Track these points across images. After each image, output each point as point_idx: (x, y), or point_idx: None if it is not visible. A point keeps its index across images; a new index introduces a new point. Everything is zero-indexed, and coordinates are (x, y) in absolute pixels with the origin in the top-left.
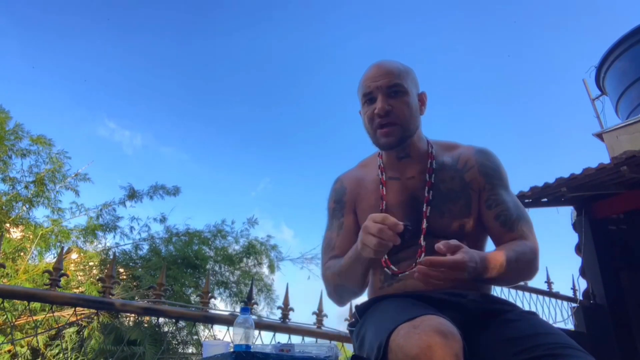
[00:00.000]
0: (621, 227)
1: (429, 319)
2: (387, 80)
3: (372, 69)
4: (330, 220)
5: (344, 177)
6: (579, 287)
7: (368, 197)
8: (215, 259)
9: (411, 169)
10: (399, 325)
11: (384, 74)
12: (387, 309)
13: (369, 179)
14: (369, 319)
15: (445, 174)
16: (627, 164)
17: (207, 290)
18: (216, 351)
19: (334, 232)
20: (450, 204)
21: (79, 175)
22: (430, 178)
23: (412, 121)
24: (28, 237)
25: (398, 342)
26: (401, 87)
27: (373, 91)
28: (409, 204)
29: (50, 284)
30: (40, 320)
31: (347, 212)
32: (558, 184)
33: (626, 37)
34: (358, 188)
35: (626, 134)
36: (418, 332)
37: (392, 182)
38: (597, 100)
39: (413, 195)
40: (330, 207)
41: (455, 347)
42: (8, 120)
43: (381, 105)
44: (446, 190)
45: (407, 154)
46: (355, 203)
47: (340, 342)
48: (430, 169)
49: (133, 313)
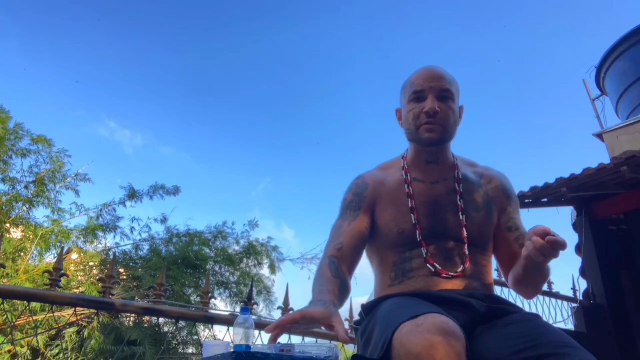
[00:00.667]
0: (621, 227)
1: (432, 317)
2: (440, 83)
3: (425, 69)
4: (344, 210)
5: (366, 175)
6: (579, 287)
7: (391, 195)
8: (216, 260)
9: (436, 175)
10: (402, 323)
11: (437, 77)
12: (392, 307)
13: (391, 180)
14: (374, 318)
15: (469, 185)
16: (627, 164)
17: (207, 290)
18: (216, 351)
19: (346, 222)
20: (474, 212)
21: (79, 175)
22: (459, 187)
23: (454, 127)
24: (28, 237)
25: (401, 340)
26: (450, 94)
27: (425, 90)
28: (429, 208)
29: (50, 284)
30: (40, 320)
31: (364, 207)
32: (558, 184)
33: (626, 37)
34: (380, 186)
35: (626, 134)
36: (420, 330)
37: (416, 183)
38: (597, 100)
39: (436, 200)
40: (348, 198)
41: (457, 345)
42: (8, 120)
43: (431, 105)
44: (470, 200)
45: (435, 160)
46: (375, 200)
47: (341, 342)
48: (458, 178)
49: (133, 313)
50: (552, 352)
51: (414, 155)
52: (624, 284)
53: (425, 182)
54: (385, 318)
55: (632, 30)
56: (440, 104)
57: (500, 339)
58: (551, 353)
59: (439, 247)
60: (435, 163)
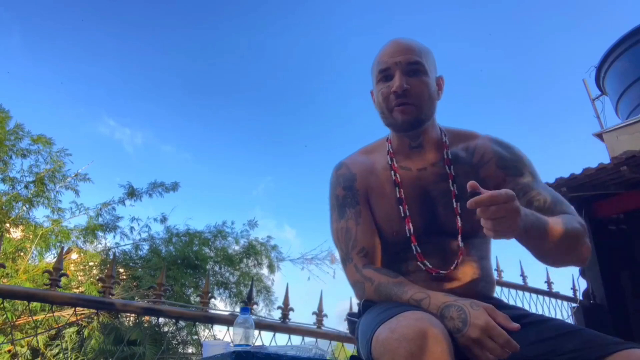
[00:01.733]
0: (621, 227)
1: (404, 318)
2: (407, 57)
3: (390, 44)
4: (342, 208)
5: (348, 162)
6: (579, 287)
7: (381, 186)
8: (215, 260)
9: (423, 160)
10: (376, 330)
11: (403, 50)
12: (378, 309)
13: (379, 166)
14: (367, 317)
15: (460, 168)
16: (627, 164)
17: (207, 290)
18: (216, 351)
19: (352, 222)
20: (465, 200)
21: (79, 175)
22: (450, 170)
23: (430, 104)
24: (28, 237)
25: (379, 351)
26: (421, 66)
27: (391, 67)
28: (420, 199)
29: (50, 284)
30: (40, 320)
31: (361, 200)
32: (558, 184)
33: (626, 37)
34: (369, 175)
35: (626, 134)
36: (396, 338)
37: (403, 171)
38: (597, 100)
39: (425, 190)
40: (339, 194)
41: (438, 342)
42: (8, 120)
43: (399, 83)
44: (463, 184)
45: (419, 144)
46: (367, 192)
47: (340, 342)
48: (447, 159)
49: (133, 313)
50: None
51: (395, 140)
52: (624, 284)
53: (412, 170)
54: (370, 322)
55: (632, 30)
56: (410, 79)
57: None
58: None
59: (432, 243)
60: (419, 147)
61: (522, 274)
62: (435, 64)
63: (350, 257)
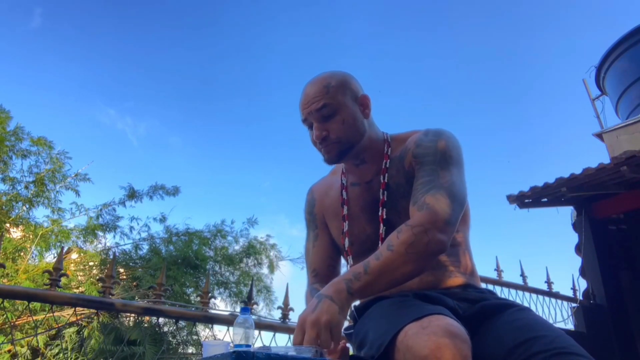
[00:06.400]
0: (621, 227)
1: (437, 319)
2: (315, 104)
3: (302, 93)
4: (307, 230)
5: (314, 187)
6: (579, 287)
7: (333, 205)
8: (216, 259)
9: (368, 173)
10: (406, 325)
11: (312, 98)
12: (389, 308)
13: (335, 187)
14: (368, 318)
15: (393, 169)
16: (627, 164)
17: (207, 290)
18: (216, 351)
19: (310, 244)
20: (402, 200)
21: (79, 175)
22: (384, 178)
23: (352, 133)
24: (28, 237)
25: (407, 343)
26: (330, 108)
27: (307, 118)
28: (368, 209)
29: (50, 284)
30: (40, 320)
31: (319, 224)
32: (558, 184)
33: (626, 37)
34: (325, 197)
35: (626, 134)
36: (427, 333)
37: (354, 188)
38: (597, 100)
39: (374, 199)
40: (306, 217)
41: (464, 348)
42: (9, 121)
43: (317, 133)
44: (395, 187)
45: (362, 160)
46: (323, 215)
47: None
48: (384, 169)
49: (133, 313)
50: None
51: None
52: (624, 284)
53: (361, 184)
54: (383, 319)
55: (632, 30)
56: (326, 124)
57: (493, 337)
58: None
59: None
60: (363, 163)
61: (522, 274)
62: (352, 87)
63: (307, 275)
